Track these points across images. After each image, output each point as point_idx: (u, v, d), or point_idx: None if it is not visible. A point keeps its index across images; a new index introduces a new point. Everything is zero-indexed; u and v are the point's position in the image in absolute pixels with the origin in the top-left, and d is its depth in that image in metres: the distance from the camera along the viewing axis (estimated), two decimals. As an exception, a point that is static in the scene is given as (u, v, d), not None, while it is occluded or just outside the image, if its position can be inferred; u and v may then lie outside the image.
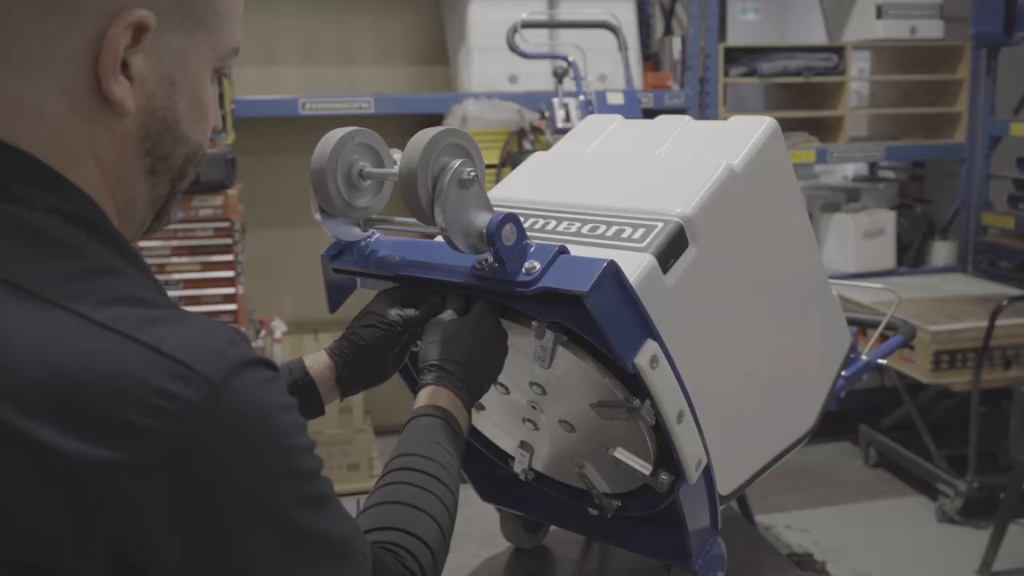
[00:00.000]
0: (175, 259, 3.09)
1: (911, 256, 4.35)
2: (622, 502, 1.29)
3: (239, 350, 0.72)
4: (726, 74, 3.97)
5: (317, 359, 1.18)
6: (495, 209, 1.06)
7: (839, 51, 4.06)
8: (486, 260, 1.07)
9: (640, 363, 1.06)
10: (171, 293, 3.07)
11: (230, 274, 3.13)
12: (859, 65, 4.62)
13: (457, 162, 1.03)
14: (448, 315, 1.14)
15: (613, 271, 1.03)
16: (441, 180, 1.02)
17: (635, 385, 1.09)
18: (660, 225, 1.19)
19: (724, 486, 1.28)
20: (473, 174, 1.03)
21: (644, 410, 1.09)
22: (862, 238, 4.17)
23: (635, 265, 1.13)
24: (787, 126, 4.28)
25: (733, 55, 4.01)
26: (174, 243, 3.07)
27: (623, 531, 1.38)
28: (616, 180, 1.34)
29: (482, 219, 1.04)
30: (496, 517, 1.55)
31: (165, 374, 0.68)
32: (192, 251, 3.10)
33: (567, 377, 1.15)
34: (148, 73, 0.77)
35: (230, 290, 3.13)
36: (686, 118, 1.44)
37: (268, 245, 3.95)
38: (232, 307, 3.13)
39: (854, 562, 3.17)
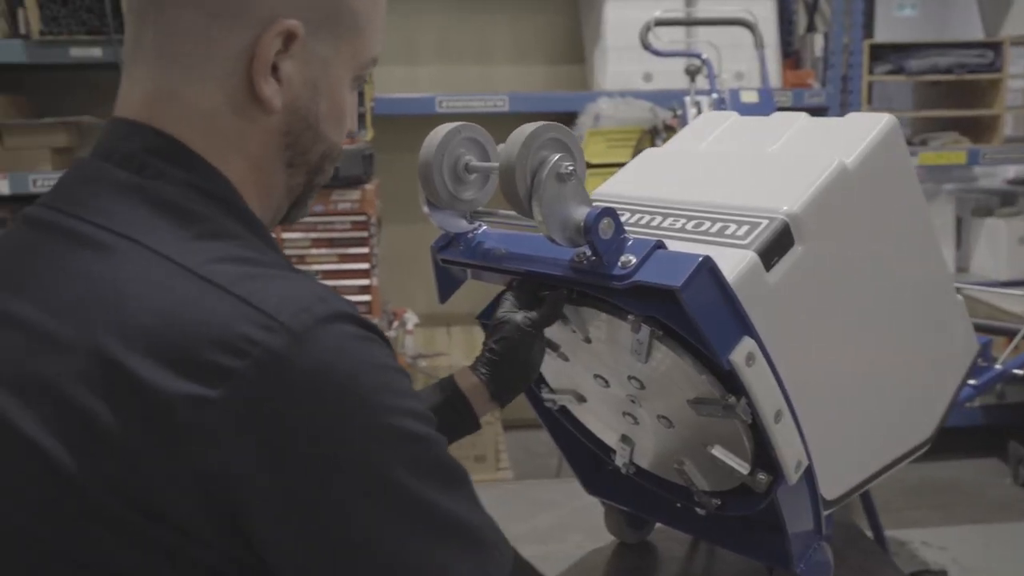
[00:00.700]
0: (314, 251, 3.22)
1: (1073, 264, 4.09)
2: (722, 501, 1.28)
3: (327, 306, 0.76)
4: (871, 72, 3.83)
5: (465, 376, 1.23)
6: (594, 204, 1.08)
7: (996, 47, 3.85)
8: (584, 254, 1.09)
9: (736, 360, 1.05)
10: (309, 283, 3.21)
11: (365, 266, 3.24)
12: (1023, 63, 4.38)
13: (556, 156, 1.05)
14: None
15: (708, 266, 1.03)
16: (539, 174, 1.04)
17: (731, 382, 1.09)
18: (765, 222, 1.17)
19: (829, 491, 1.25)
20: (571, 168, 1.05)
21: (740, 408, 1.08)
22: (1016, 244, 3.96)
23: (736, 262, 1.12)
24: (937, 126, 4.10)
25: (879, 52, 3.87)
26: (313, 235, 3.20)
27: (725, 531, 1.37)
28: (725, 177, 1.33)
29: (580, 213, 1.06)
30: (601, 510, 1.56)
31: (250, 322, 0.73)
32: (330, 243, 3.22)
33: (664, 372, 1.15)
34: (295, 76, 0.86)
35: (365, 282, 3.24)
36: (803, 115, 1.41)
37: (404, 239, 4.06)
38: (367, 298, 3.24)
39: (994, 584, 3.02)
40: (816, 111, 3.68)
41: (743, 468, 1.16)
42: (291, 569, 0.76)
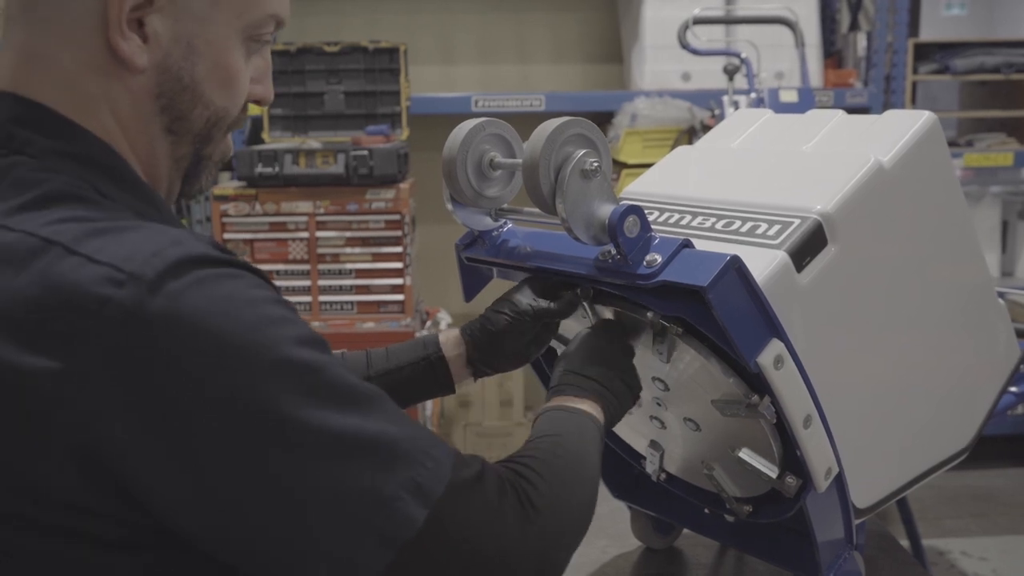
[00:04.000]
0: (348, 249, 3.22)
1: (1123, 270, 3.98)
2: (752, 507, 1.25)
3: (182, 249, 0.71)
4: (915, 71, 3.76)
5: (450, 337, 1.20)
6: (621, 201, 1.05)
7: (1045, 46, 3.77)
8: (609, 252, 1.07)
9: (763, 363, 1.02)
10: (342, 282, 3.21)
11: (399, 265, 3.23)
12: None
13: (580, 152, 1.02)
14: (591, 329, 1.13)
15: (736, 266, 1.00)
16: (563, 170, 1.02)
17: (759, 384, 1.06)
18: (797, 222, 1.14)
19: (861, 499, 1.21)
20: (596, 164, 1.02)
21: (763, 407, 1.05)
22: (1065, 248, 3.86)
23: (766, 262, 1.10)
24: (983, 126, 4.01)
25: (924, 51, 3.79)
26: (347, 234, 3.20)
27: (753, 538, 1.34)
28: (757, 175, 1.30)
29: (604, 210, 1.03)
30: (628, 515, 1.53)
31: (97, 280, 0.69)
32: (364, 242, 3.22)
33: (688, 373, 1.13)
34: (164, 32, 0.80)
35: (398, 281, 3.23)
36: (839, 112, 1.38)
37: (438, 239, 4.05)
38: (399, 297, 3.24)
39: (1037, 597, 2.94)
40: (858, 111, 3.61)
41: (771, 471, 1.13)
42: (200, 529, 0.72)
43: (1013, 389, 1.58)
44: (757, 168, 1.32)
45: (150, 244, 0.72)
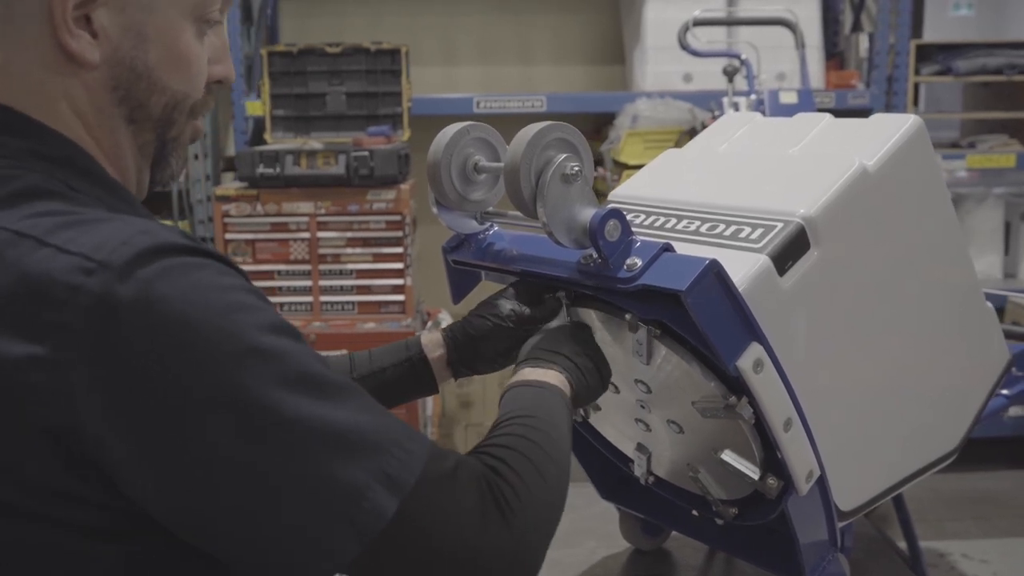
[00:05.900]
0: (349, 250, 3.23)
1: None
2: (738, 510, 1.25)
3: (151, 238, 0.72)
4: (917, 72, 3.75)
5: (432, 339, 1.21)
6: (610, 205, 1.06)
7: (1048, 47, 3.75)
8: (591, 256, 1.07)
9: (742, 367, 1.03)
10: (343, 282, 3.22)
11: (399, 266, 3.24)
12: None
13: (561, 157, 1.03)
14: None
15: (714, 270, 1.00)
16: (544, 175, 1.02)
17: (738, 387, 1.06)
18: (780, 225, 1.15)
19: (845, 502, 1.22)
20: (577, 169, 1.03)
21: (741, 407, 1.06)
22: (1068, 250, 3.84)
23: (747, 266, 1.10)
24: (985, 128, 4.00)
25: (927, 52, 3.78)
26: (348, 235, 3.22)
27: (740, 540, 1.34)
28: (743, 179, 1.31)
29: (585, 214, 1.04)
30: (617, 516, 1.54)
31: (68, 269, 0.70)
32: (365, 243, 3.23)
33: (670, 375, 1.13)
34: (111, 25, 0.81)
35: (399, 281, 3.24)
36: (826, 116, 1.38)
37: (438, 240, 4.06)
38: (400, 298, 3.25)
39: (1037, 599, 2.93)
40: (860, 112, 3.62)
41: (753, 473, 1.13)
42: (169, 513, 0.73)
43: (1004, 392, 1.58)
44: (743, 171, 1.32)
45: (119, 234, 0.73)
